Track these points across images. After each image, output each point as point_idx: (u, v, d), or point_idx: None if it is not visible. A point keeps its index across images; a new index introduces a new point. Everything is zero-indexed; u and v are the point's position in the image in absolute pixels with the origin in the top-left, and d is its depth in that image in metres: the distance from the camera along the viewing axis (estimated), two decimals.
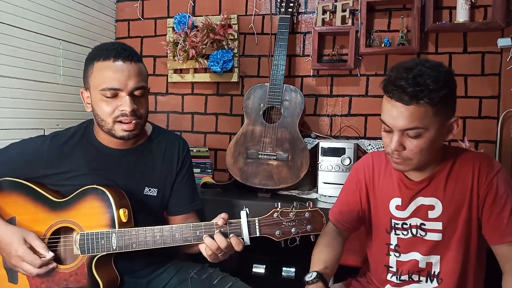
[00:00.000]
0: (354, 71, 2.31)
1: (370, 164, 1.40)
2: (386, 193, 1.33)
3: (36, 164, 1.37)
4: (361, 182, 1.39)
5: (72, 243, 1.28)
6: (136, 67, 1.30)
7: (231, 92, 2.53)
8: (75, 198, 1.31)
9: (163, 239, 1.24)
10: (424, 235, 1.27)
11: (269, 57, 2.41)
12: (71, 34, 2.26)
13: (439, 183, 1.25)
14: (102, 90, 1.28)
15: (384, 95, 1.20)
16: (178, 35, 2.43)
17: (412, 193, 1.28)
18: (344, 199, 1.44)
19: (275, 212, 1.20)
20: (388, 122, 1.18)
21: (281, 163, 2.03)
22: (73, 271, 1.27)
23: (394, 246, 1.32)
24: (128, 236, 1.25)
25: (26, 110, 1.99)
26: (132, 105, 1.28)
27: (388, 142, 1.20)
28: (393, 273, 1.33)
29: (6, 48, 1.86)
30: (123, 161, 1.41)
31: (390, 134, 1.19)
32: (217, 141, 2.56)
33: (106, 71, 1.28)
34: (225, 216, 1.22)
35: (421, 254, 1.28)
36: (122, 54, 1.29)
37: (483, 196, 1.21)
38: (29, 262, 1.22)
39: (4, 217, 1.31)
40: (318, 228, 1.21)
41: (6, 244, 1.24)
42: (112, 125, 1.31)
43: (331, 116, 2.37)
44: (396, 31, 2.21)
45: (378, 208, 1.36)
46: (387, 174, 1.35)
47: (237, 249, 1.20)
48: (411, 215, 1.29)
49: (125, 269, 1.36)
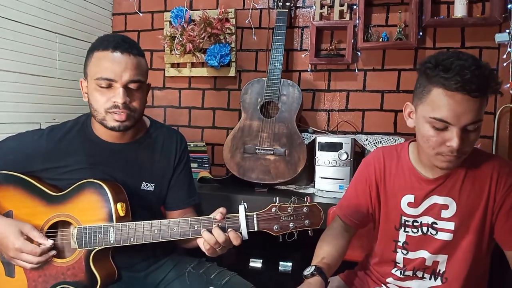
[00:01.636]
0: (351, 66, 2.31)
1: (381, 159, 1.35)
2: (398, 189, 1.30)
3: (33, 158, 1.36)
4: (371, 177, 1.35)
5: (70, 237, 1.28)
6: (134, 60, 1.29)
7: (229, 87, 2.53)
8: (72, 192, 1.30)
9: (161, 233, 1.24)
10: (435, 234, 1.25)
11: (266, 51, 2.40)
12: (67, 28, 2.25)
13: (456, 183, 1.22)
14: (97, 79, 1.27)
15: (435, 90, 1.09)
16: (175, 29, 2.42)
17: (426, 191, 1.25)
18: (353, 193, 1.40)
19: (273, 206, 1.20)
20: (450, 118, 1.08)
21: (279, 158, 2.03)
22: (71, 265, 1.27)
23: (402, 243, 1.30)
24: (126, 230, 1.24)
25: (23, 104, 1.98)
26: (124, 97, 1.27)
27: (441, 141, 1.12)
28: (399, 268, 1.33)
29: (2, 41, 1.85)
30: (120, 155, 1.40)
31: (444, 132, 1.11)
32: (214, 136, 2.55)
33: (103, 61, 1.27)
34: (223, 210, 1.22)
35: (429, 252, 1.26)
36: (121, 45, 1.28)
37: (500, 201, 1.19)
38: (28, 252, 1.21)
39: (0, 211, 1.31)
40: (316, 222, 1.20)
41: (3, 238, 1.23)
42: (104, 115, 1.30)
43: (328, 111, 2.37)
44: (394, 26, 2.21)
45: (389, 204, 1.32)
46: (399, 170, 1.31)
47: (235, 243, 1.20)
48: (423, 213, 1.26)
49: (122, 263, 1.36)
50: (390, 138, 2.01)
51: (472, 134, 1.11)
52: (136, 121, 1.35)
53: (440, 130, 1.11)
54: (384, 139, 2.01)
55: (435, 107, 1.10)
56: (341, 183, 2.00)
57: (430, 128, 1.13)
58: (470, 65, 1.05)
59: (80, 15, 2.35)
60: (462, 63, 1.05)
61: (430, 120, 1.11)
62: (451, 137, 1.09)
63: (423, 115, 1.14)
